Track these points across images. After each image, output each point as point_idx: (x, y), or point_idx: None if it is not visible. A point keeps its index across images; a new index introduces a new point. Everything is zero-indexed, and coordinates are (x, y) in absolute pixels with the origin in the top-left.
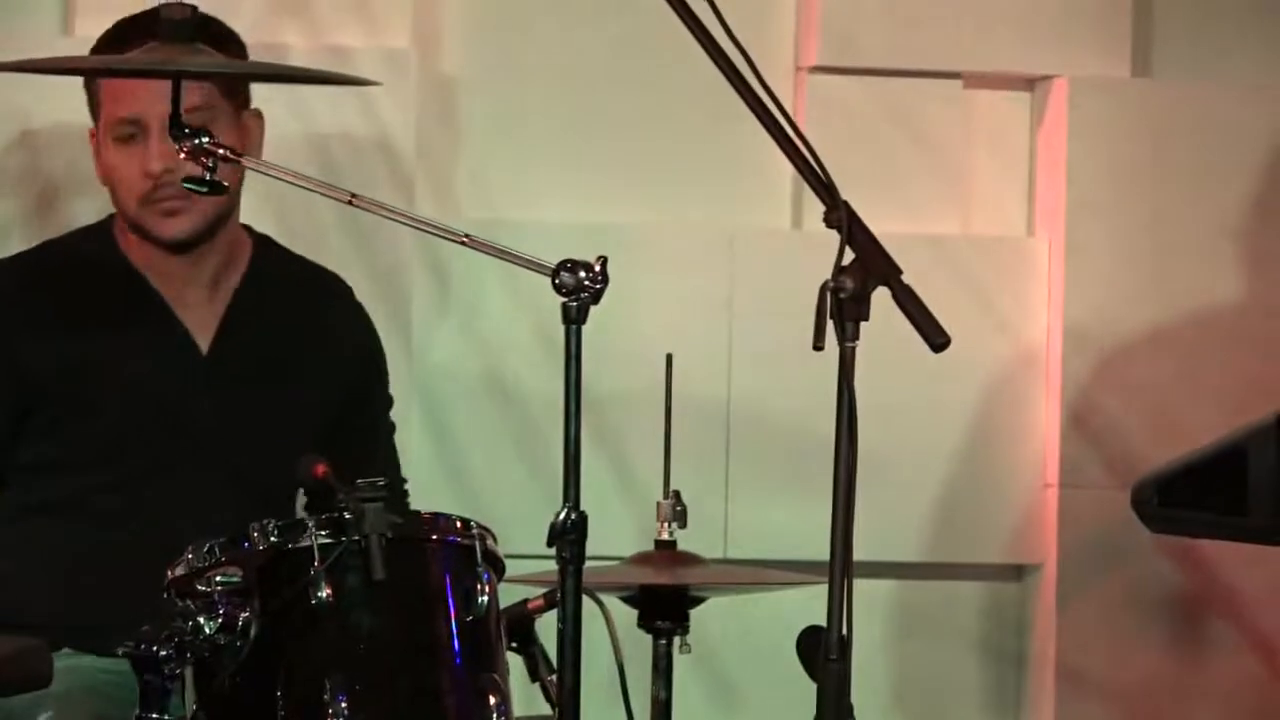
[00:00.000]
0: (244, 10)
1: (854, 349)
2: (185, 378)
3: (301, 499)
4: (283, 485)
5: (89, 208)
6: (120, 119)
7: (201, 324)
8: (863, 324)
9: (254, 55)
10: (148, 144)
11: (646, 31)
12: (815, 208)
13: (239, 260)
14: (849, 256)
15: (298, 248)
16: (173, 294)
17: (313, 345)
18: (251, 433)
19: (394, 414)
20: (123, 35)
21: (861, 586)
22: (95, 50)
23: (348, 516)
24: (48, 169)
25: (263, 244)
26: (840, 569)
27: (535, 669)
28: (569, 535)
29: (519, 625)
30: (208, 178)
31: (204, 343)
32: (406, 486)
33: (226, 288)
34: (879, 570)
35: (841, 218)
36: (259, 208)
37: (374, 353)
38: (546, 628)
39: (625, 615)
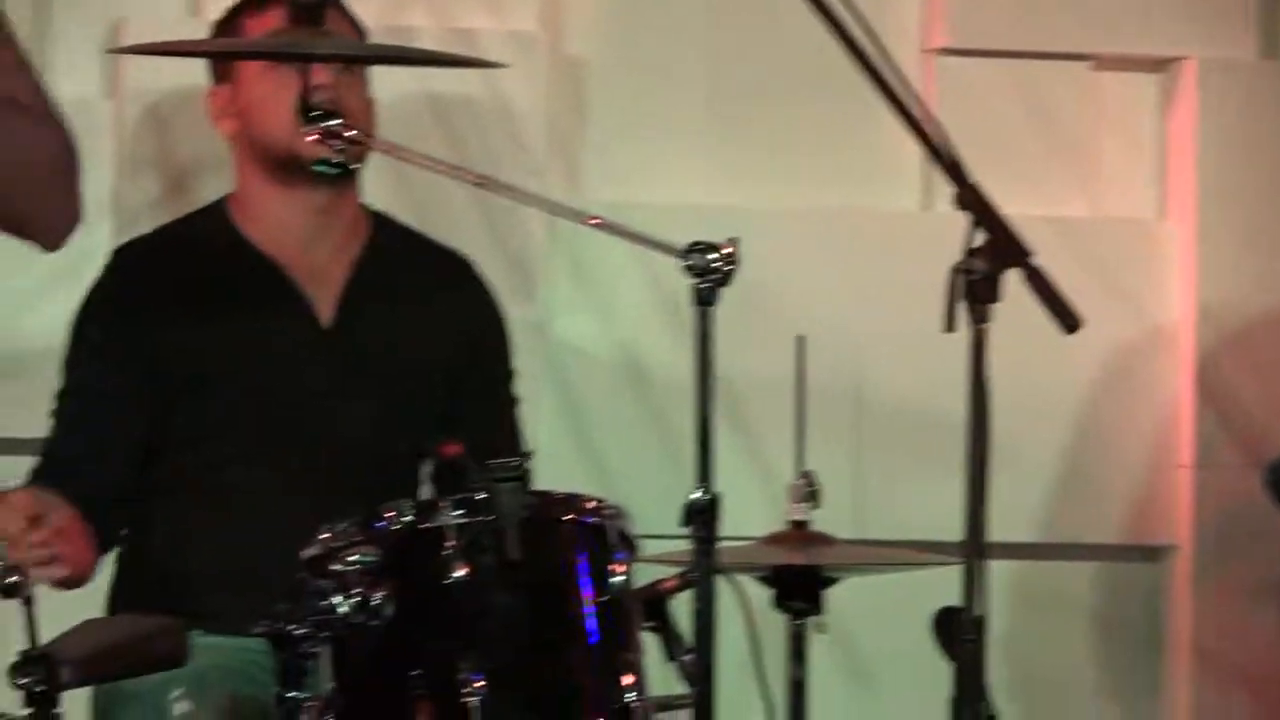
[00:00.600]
0: None
1: (985, 330)
2: (308, 350)
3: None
4: (404, 456)
5: (224, 187)
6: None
7: (323, 296)
8: (993, 305)
9: (381, 38)
10: (314, 74)
11: (774, 14)
12: (944, 190)
13: (358, 233)
14: (979, 238)
15: (427, 229)
16: (293, 267)
17: (432, 315)
18: (373, 404)
19: (525, 395)
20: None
21: (993, 567)
22: (228, 15)
23: (482, 497)
24: (178, 151)
25: (380, 219)
26: (974, 549)
27: (671, 649)
28: (703, 515)
29: (654, 605)
30: (336, 160)
31: (325, 315)
32: (529, 464)
33: (346, 260)
34: (1011, 551)
35: (971, 200)
36: (392, 190)
37: (495, 322)
38: (681, 607)
39: (760, 596)
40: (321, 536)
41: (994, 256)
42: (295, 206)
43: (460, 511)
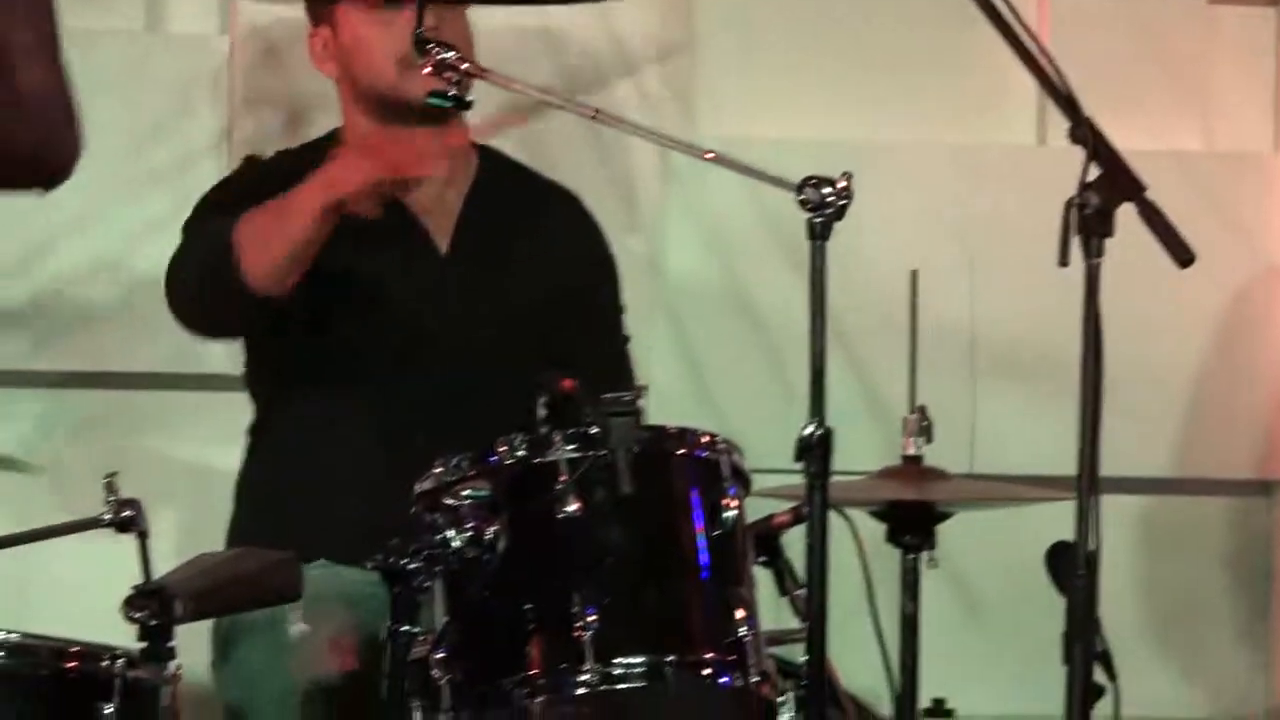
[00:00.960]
0: None
1: (1099, 265)
2: (426, 279)
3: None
4: (519, 387)
5: (335, 124)
6: None
7: (439, 224)
8: (1107, 240)
9: None
10: (410, 4)
11: None
12: (1060, 124)
13: (468, 166)
14: (1094, 173)
15: (539, 164)
16: (408, 196)
17: (541, 247)
18: (488, 332)
19: (638, 331)
20: None
21: (1108, 501)
22: None
23: (595, 431)
24: (293, 87)
25: (489, 152)
26: (1087, 484)
27: (783, 583)
28: (816, 450)
29: (766, 540)
30: (451, 93)
31: (443, 242)
32: (641, 400)
33: (458, 190)
34: (1126, 485)
35: (1086, 134)
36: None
37: (603, 258)
38: (794, 542)
39: (872, 530)
40: (435, 470)
41: (1108, 191)
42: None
43: (573, 446)
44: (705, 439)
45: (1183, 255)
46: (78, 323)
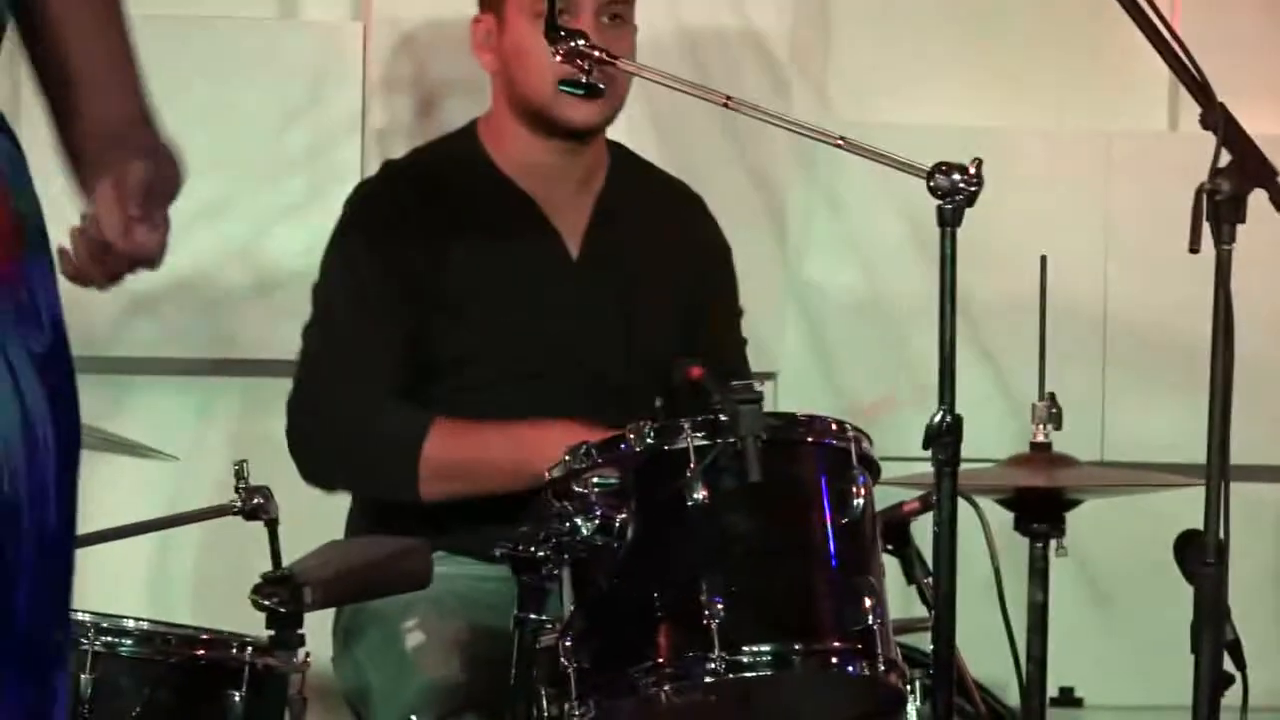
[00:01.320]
0: None
1: (1230, 251)
2: (557, 280)
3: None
4: (644, 389)
5: (470, 112)
6: None
7: (570, 227)
8: (1239, 226)
9: None
10: (578, 20)
11: None
12: (1192, 110)
13: (600, 168)
14: (1225, 158)
15: (673, 152)
16: (542, 197)
17: (668, 250)
18: (617, 336)
19: (768, 315)
20: None
21: (1241, 490)
22: None
23: (723, 419)
24: (429, 73)
25: (618, 150)
26: (1217, 472)
27: (911, 571)
28: (944, 438)
29: (894, 528)
30: (584, 80)
31: (574, 246)
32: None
33: (590, 192)
34: (1261, 474)
35: (1218, 119)
36: (636, 111)
37: (724, 261)
38: (922, 530)
39: (1001, 518)
40: (564, 458)
41: (1240, 176)
42: (547, 150)
43: (702, 433)
44: (834, 426)
45: None
46: (211, 309)
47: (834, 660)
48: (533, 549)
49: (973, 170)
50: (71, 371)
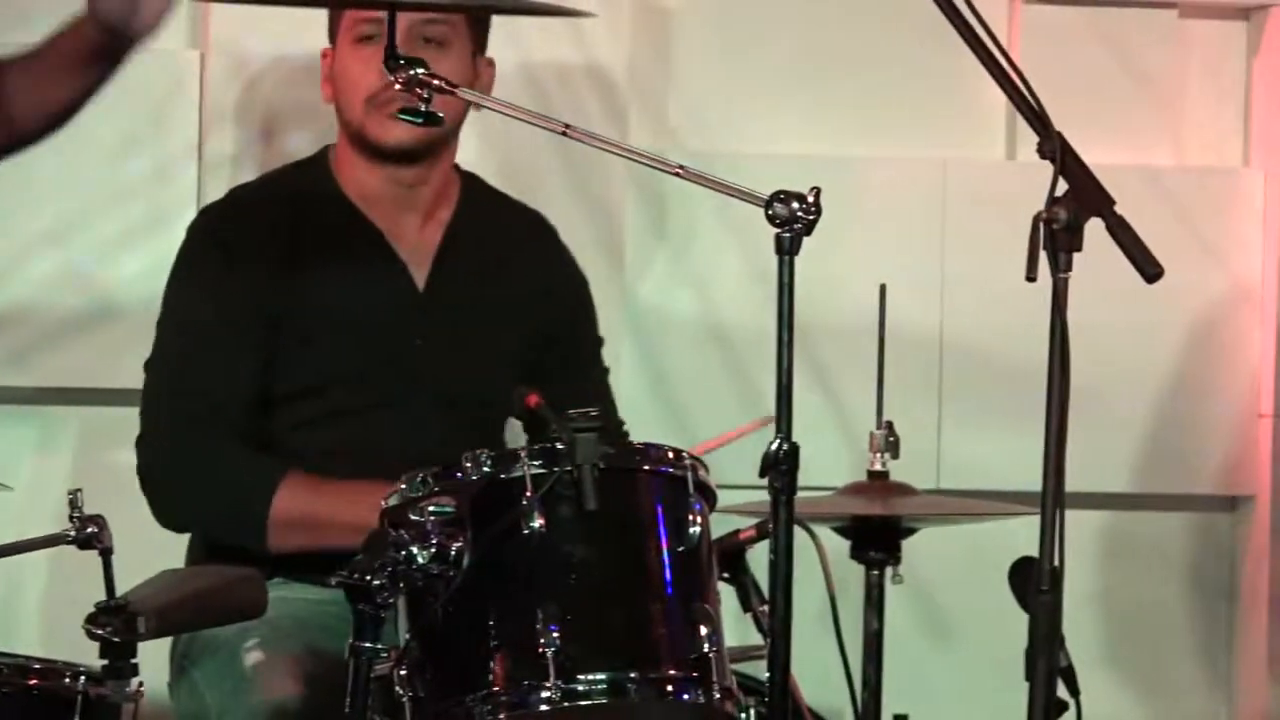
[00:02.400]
0: None
1: (1067, 280)
2: (402, 312)
3: (512, 428)
4: (493, 419)
5: (308, 141)
6: (365, 18)
7: (417, 257)
8: (1075, 254)
9: None
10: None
11: None
12: (1029, 138)
13: (450, 195)
14: (1062, 187)
15: (512, 180)
16: (389, 227)
17: (520, 280)
18: (463, 367)
19: (606, 346)
20: None
21: (1073, 517)
22: None
23: (560, 446)
24: (268, 102)
25: (470, 180)
26: (1052, 499)
27: (747, 599)
28: (781, 466)
29: (731, 556)
30: (423, 109)
31: (420, 277)
32: (625, 429)
33: (439, 221)
34: (1090, 501)
35: (1055, 148)
36: (474, 141)
37: (579, 291)
38: (758, 558)
39: (837, 546)
40: (400, 487)
41: (1077, 205)
42: (384, 179)
43: (538, 461)
44: (670, 454)
45: (1151, 270)
46: (50, 338)
47: (670, 688)
48: (368, 578)
49: (811, 199)
50: None
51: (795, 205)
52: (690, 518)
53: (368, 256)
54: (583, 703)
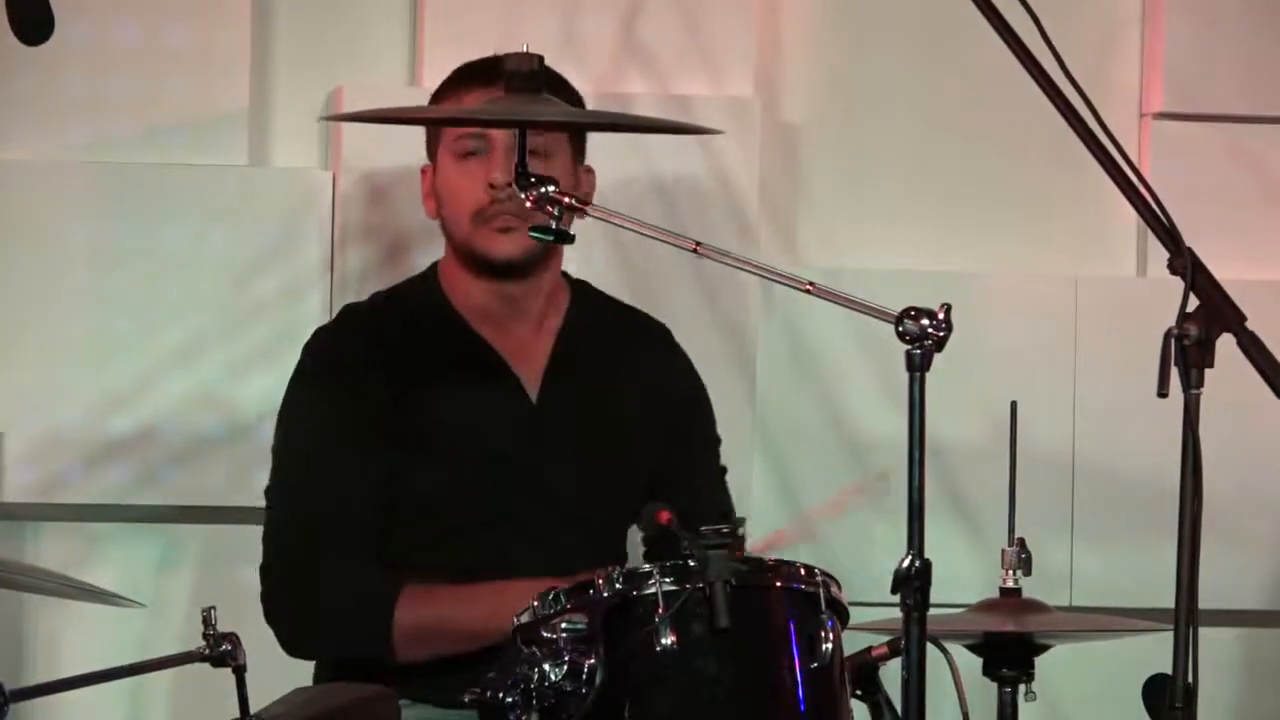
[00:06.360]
0: (591, 60)
1: (1199, 396)
2: (517, 426)
3: (633, 535)
4: (615, 529)
5: (436, 257)
6: (466, 133)
7: (529, 370)
8: (1208, 371)
9: (600, 104)
10: (490, 158)
11: (989, 77)
12: (1160, 254)
13: (559, 303)
14: (1193, 303)
15: (642, 295)
16: (499, 339)
17: (634, 386)
18: (581, 478)
19: (736, 460)
20: (465, 77)
21: (1208, 635)
22: (439, 92)
23: (692, 564)
24: (393, 222)
25: (579, 287)
26: (1185, 616)
27: (880, 717)
28: (913, 582)
29: (863, 673)
30: (554, 225)
31: (533, 390)
32: (743, 530)
33: (549, 331)
34: (1225, 618)
35: (1186, 264)
36: (606, 253)
37: (695, 392)
38: (891, 675)
39: (970, 663)
40: (533, 604)
41: (1208, 321)
42: (492, 293)
43: (670, 578)
44: (803, 571)
45: None
46: (180, 456)
47: None
48: (501, 695)
49: (941, 315)
50: None
51: (926, 322)
52: (823, 634)
53: (479, 371)
54: None
